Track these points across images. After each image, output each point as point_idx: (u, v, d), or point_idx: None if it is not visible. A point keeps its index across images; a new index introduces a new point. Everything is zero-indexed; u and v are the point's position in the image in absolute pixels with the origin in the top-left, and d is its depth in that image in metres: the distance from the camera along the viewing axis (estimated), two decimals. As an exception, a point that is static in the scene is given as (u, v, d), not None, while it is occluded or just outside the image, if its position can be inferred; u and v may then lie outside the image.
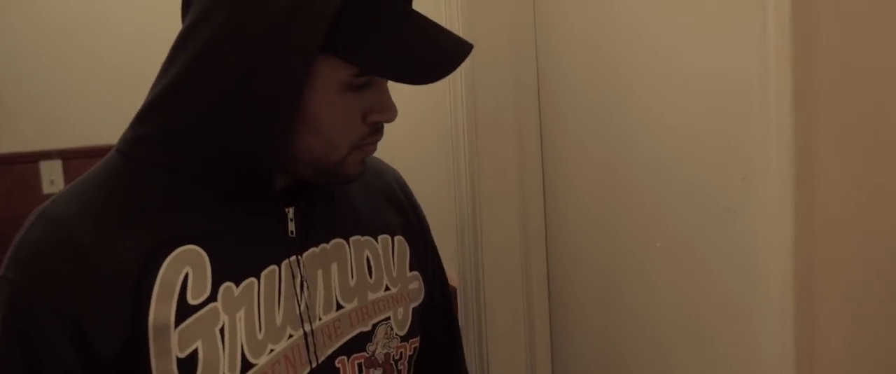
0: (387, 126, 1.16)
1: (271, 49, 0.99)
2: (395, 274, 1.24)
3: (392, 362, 1.20)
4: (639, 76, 1.37)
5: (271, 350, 1.08)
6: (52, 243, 1.02)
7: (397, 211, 1.29)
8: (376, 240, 1.23)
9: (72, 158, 3.50)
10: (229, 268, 1.06)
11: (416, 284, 1.26)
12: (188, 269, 1.03)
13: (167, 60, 1.06)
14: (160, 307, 1.01)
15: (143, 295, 1.01)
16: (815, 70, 1.04)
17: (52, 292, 1.00)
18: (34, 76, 3.48)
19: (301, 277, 1.12)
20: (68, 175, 3.43)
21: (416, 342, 1.24)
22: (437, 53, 1.04)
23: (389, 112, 1.08)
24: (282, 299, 1.09)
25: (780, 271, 1.08)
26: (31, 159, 3.52)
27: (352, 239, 1.19)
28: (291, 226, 1.12)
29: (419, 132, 2.13)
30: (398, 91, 1.12)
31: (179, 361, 1.02)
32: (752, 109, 1.11)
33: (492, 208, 1.74)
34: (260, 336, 1.07)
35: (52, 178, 3.51)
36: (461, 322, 1.86)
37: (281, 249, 1.11)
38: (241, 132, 1.02)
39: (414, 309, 1.24)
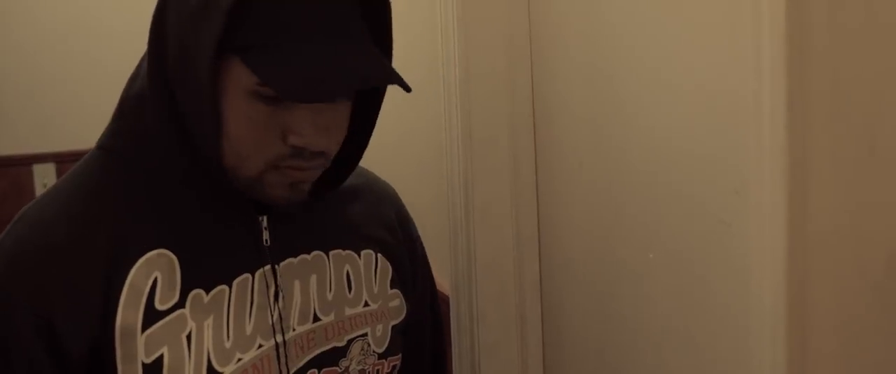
0: (379, 133, 1.14)
1: (188, 44, 0.99)
2: (376, 291, 1.22)
3: None
4: (633, 87, 1.37)
5: (239, 359, 1.06)
6: (29, 244, 1.03)
7: (385, 228, 1.26)
8: (359, 255, 1.21)
9: (66, 162, 3.49)
10: (200, 274, 1.05)
11: (397, 301, 1.24)
12: (158, 273, 1.03)
13: (146, 54, 1.08)
14: (127, 311, 1.01)
15: (112, 298, 1.01)
16: (808, 83, 1.03)
17: (27, 293, 1.01)
18: (28, 79, 3.48)
19: (276, 287, 1.10)
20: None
21: (395, 360, 1.22)
22: (318, 77, 0.97)
23: (307, 136, 1.00)
24: (254, 308, 1.08)
25: (773, 283, 1.08)
26: (25, 162, 3.51)
27: (332, 252, 1.18)
28: (266, 235, 1.11)
29: (412, 140, 2.12)
30: (391, 98, 1.11)
31: (145, 366, 1.01)
32: (745, 121, 1.10)
33: (485, 217, 1.74)
34: (228, 345, 1.06)
35: (46, 181, 3.50)
36: (453, 331, 1.86)
37: (255, 257, 1.10)
38: (192, 136, 1.03)
39: (393, 327, 1.23)
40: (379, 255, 1.23)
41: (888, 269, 1.00)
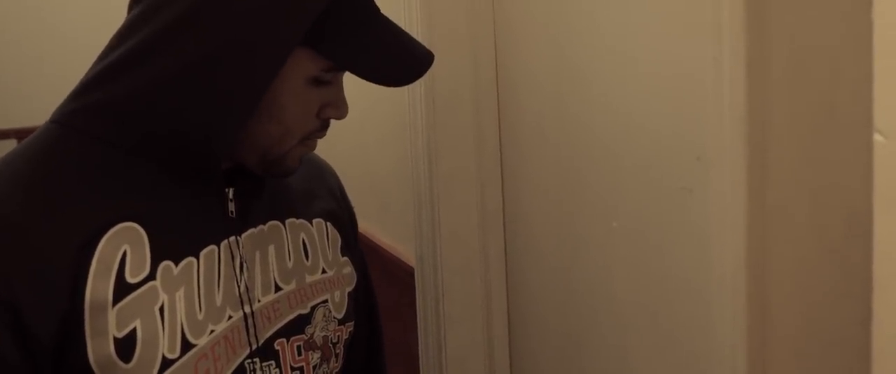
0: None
1: (250, 36, 0.99)
2: (330, 258, 1.23)
3: (330, 344, 1.20)
4: (595, 57, 1.37)
5: (212, 331, 1.06)
6: None
7: (331, 198, 1.30)
8: (311, 223, 1.23)
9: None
10: (168, 247, 1.04)
11: (348, 269, 1.27)
12: (126, 246, 1.01)
13: (122, 33, 1.03)
14: (97, 285, 0.99)
15: (81, 273, 0.98)
16: (768, 50, 1.04)
17: None
18: (-13, 55, 3.43)
19: (241, 258, 1.10)
20: None
21: (350, 326, 1.24)
22: (408, 58, 1.08)
23: (343, 109, 1.11)
24: (221, 279, 1.08)
25: (734, 250, 1.09)
26: (-14, 139, 3.46)
27: (288, 221, 1.19)
28: (231, 206, 1.11)
29: (377, 112, 2.11)
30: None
31: (116, 341, 0.99)
32: (705, 86, 1.11)
33: (449, 189, 1.74)
34: (200, 316, 1.05)
35: (7, 158, 3.46)
36: (418, 303, 1.86)
37: (220, 229, 1.09)
38: (198, 113, 1.01)
39: (349, 293, 1.25)
40: (328, 223, 1.26)
41: (846, 232, 1.01)
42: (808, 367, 1.09)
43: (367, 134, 2.18)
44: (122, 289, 1.00)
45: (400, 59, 1.08)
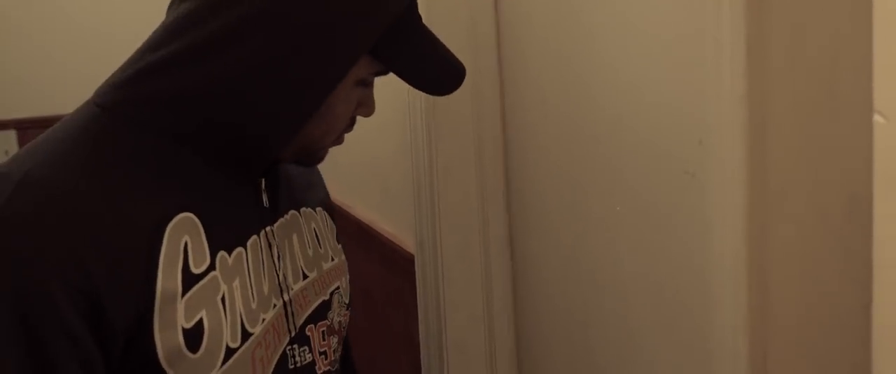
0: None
1: (326, 42, 1.01)
2: (334, 246, 1.28)
3: (343, 329, 1.24)
4: (601, 38, 1.37)
5: (263, 319, 1.07)
6: (52, 208, 0.94)
7: (321, 187, 1.34)
8: (316, 212, 1.27)
9: (27, 129, 3.44)
10: (221, 237, 1.04)
11: (343, 255, 1.31)
12: (187, 237, 1.00)
13: (177, 26, 1.02)
14: (167, 276, 0.97)
15: (151, 264, 0.96)
16: (769, 31, 1.03)
17: (62, 264, 0.92)
18: (-13, 45, 3.43)
19: (278, 246, 1.13)
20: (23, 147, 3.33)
21: (349, 313, 1.28)
22: (450, 68, 1.14)
23: (373, 108, 1.16)
24: (264, 268, 1.09)
25: (735, 233, 1.09)
26: (-15, 129, 3.46)
27: (303, 210, 1.23)
28: (264, 197, 1.13)
29: (376, 93, 2.10)
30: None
31: (185, 331, 0.98)
32: (706, 70, 1.10)
33: (449, 174, 1.73)
34: (253, 306, 1.06)
35: (7, 148, 3.45)
36: (418, 290, 1.86)
37: (257, 219, 1.11)
38: (265, 111, 1.02)
39: (349, 280, 1.29)
40: (325, 212, 1.30)
41: (847, 214, 1.00)
42: (808, 347, 1.09)
43: (367, 120, 2.17)
44: (189, 280, 0.99)
45: (445, 69, 1.14)
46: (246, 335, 1.04)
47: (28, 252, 0.92)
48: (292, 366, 1.12)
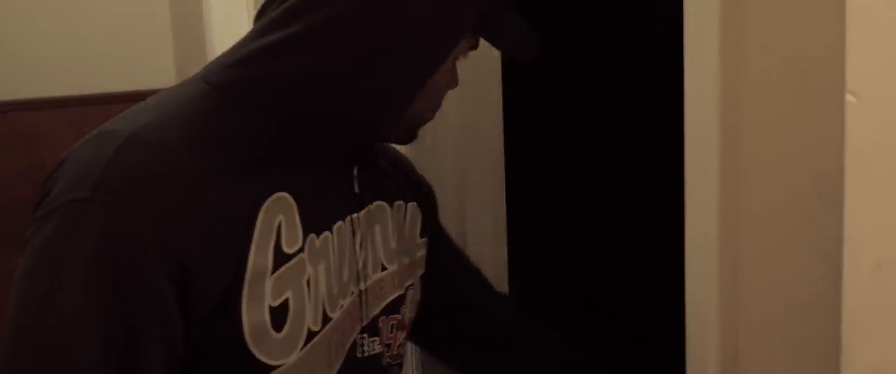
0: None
1: (437, 20, 1.02)
2: (415, 241, 1.26)
3: (411, 324, 1.24)
4: None
5: (341, 305, 1.08)
6: (155, 168, 0.94)
7: (418, 185, 1.32)
8: (406, 204, 1.25)
9: (9, 111, 3.35)
10: (312, 220, 1.04)
11: (422, 251, 1.28)
12: (281, 216, 1.00)
13: (294, 7, 1.02)
14: (260, 253, 0.97)
15: (245, 240, 0.97)
16: (743, 9, 1.04)
17: (159, 224, 0.92)
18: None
19: (361, 234, 1.12)
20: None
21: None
22: (529, 35, 1.12)
23: (456, 82, 1.15)
24: (347, 255, 1.10)
25: (705, 209, 1.09)
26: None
27: (395, 203, 1.22)
28: (356, 184, 1.12)
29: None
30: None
31: (271, 309, 0.98)
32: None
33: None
34: (335, 291, 1.06)
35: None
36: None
37: (346, 205, 1.11)
38: (373, 95, 1.03)
39: (421, 277, 1.27)
40: (410, 204, 1.27)
41: (818, 192, 1.01)
42: (777, 323, 1.10)
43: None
44: (280, 259, 1.00)
45: (528, 37, 1.12)
46: (326, 320, 1.05)
47: (130, 206, 0.92)
48: (360, 355, 1.12)
